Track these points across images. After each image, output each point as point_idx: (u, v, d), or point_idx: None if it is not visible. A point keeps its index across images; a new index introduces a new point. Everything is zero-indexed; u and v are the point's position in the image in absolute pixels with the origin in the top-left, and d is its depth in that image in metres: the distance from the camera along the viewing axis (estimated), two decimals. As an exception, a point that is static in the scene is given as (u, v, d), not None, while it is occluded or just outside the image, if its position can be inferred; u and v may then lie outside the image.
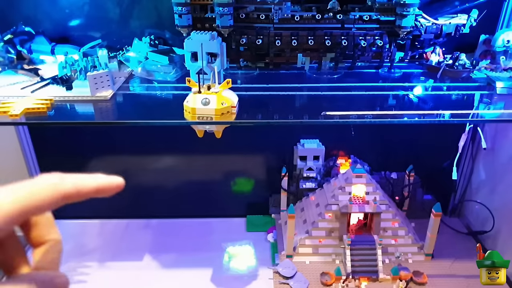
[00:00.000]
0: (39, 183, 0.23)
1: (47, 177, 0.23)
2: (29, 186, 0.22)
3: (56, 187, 0.23)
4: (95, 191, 0.25)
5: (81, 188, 0.24)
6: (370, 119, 0.69)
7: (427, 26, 0.85)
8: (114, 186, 0.26)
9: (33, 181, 0.23)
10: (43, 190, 0.22)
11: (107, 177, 0.26)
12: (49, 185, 0.23)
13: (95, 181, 0.25)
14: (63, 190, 0.23)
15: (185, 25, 0.81)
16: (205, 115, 0.67)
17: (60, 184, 0.23)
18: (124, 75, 0.84)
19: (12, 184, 0.22)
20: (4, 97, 0.72)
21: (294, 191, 1.08)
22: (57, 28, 0.94)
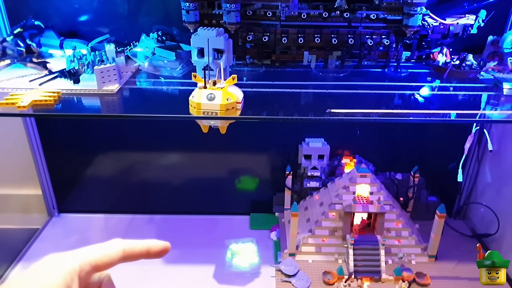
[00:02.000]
0: (110, 244, 0.30)
1: (116, 241, 0.30)
2: (102, 245, 0.29)
3: (120, 245, 0.30)
4: (147, 253, 0.31)
5: (137, 248, 0.30)
6: (376, 117, 0.69)
7: (435, 26, 0.84)
8: (162, 249, 0.32)
9: (105, 243, 0.30)
10: (111, 247, 0.29)
11: (157, 242, 0.32)
12: (115, 244, 0.30)
13: (147, 245, 0.31)
14: (125, 248, 0.30)
15: (192, 21, 0.82)
16: (210, 110, 0.68)
17: (123, 244, 0.30)
18: (131, 70, 0.85)
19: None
20: (13, 89, 0.73)
21: (298, 190, 1.08)
22: (66, 22, 0.95)
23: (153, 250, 0.31)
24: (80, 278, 0.27)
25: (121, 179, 1.17)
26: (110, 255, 0.29)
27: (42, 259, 0.27)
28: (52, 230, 1.13)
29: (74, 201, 1.18)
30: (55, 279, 0.25)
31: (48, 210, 1.17)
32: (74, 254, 0.27)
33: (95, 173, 1.16)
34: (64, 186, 1.17)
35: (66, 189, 1.17)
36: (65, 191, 1.17)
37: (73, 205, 1.19)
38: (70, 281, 0.26)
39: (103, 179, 1.17)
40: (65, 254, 0.27)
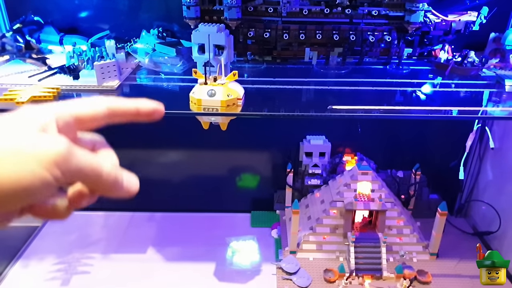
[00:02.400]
0: (93, 98, 0.27)
1: (101, 97, 0.28)
2: (82, 99, 0.27)
3: (104, 100, 0.27)
4: (136, 113, 0.28)
5: (124, 106, 0.28)
6: (377, 113, 0.69)
7: (436, 23, 0.84)
8: (152, 109, 0.29)
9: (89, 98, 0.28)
10: (93, 100, 0.27)
11: (147, 101, 0.29)
12: (97, 98, 0.27)
13: (136, 104, 0.28)
14: (110, 104, 0.27)
15: (193, 17, 0.81)
16: (211, 107, 0.67)
17: (107, 99, 0.27)
18: (131, 66, 0.84)
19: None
20: (12, 85, 0.72)
21: (299, 188, 1.08)
22: (66, 18, 0.94)
23: (143, 110, 0.28)
24: (59, 126, 0.24)
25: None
26: (93, 107, 0.26)
27: (18, 109, 0.24)
28: (51, 228, 1.12)
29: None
30: (30, 121, 0.23)
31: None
32: (52, 103, 0.25)
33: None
34: (64, 183, 1.16)
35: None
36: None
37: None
38: (45, 124, 0.23)
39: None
40: (42, 105, 0.25)
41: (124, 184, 0.26)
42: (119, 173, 0.26)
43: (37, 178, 0.21)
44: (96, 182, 0.25)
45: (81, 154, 0.24)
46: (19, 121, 0.23)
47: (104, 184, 0.25)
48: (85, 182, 0.25)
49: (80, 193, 0.26)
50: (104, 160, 0.26)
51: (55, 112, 0.25)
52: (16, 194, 0.21)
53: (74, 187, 0.26)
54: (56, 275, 0.95)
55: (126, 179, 0.27)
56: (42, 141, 0.22)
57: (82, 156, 0.24)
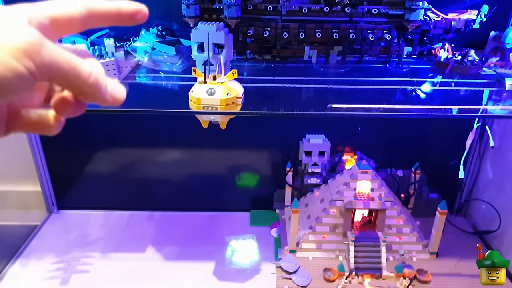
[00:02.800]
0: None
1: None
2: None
3: (82, 0, 0.25)
4: (117, 14, 0.26)
5: (104, 6, 0.25)
6: (377, 112, 0.68)
7: (436, 21, 0.84)
8: (135, 10, 0.26)
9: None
10: (71, 1, 0.25)
11: (129, 2, 0.26)
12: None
13: (117, 4, 0.26)
14: (88, 4, 0.25)
15: (192, 16, 0.81)
16: (210, 105, 0.67)
17: (86, 0, 0.25)
18: (131, 65, 0.84)
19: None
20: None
21: (299, 187, 1.07)
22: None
23: (124, 11, 0.26)
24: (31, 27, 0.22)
25: (121, 176, 1.16)
26: (70, 7, 0.24)
27: None
28: (51, 227, 1.12)
29: (74, 197, 1.18)
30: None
31: (47, 207, 1.16)
32: (24, 4, 0.23)
33: (95, 169, 1.15)
34: (63, 182, 1.16)
35: (65, 186, 1.17)
36: (64, 187, 1.17)
37: (73, 202, 1.18)
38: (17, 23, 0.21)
39: (103, 175, 1.16)
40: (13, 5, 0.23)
41: (109, 89, 0.25)
42: (101, 77, 0.24)
43: (9, 69, 0.20)
44: (75, 82, 0.23)
45: (55, 47, 0.22)
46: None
47: (85, 85, 0.23)
48: (65, 83, 0.23)
49: (63, 98, 0.24)
50: (83, 61, 0.24)
51: (27, 12, 0.23)
52: None
53: (57, 95, 0.25)
54: (56, 274, 0.95)
55: (110, 85, 0.25)
56: (10, 31, 0.21)
57: (56, 49, 0.22)
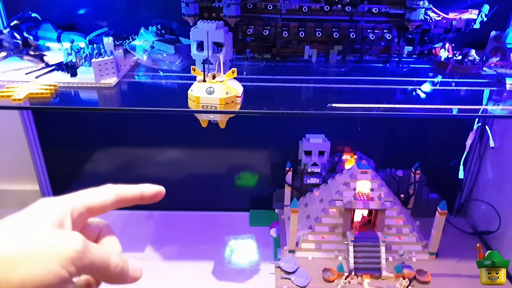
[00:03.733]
0: (103, 188, 0.30)
1: (109, 186, 0.30)
2: (95, 189, 0.30)
3: (112, 188, 0.30)
4: (140, 197, 0.31)
5: (130, 192, 0.30)
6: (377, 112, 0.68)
7: (437, 21, 0.83)
8: (155, 193, 0.32)
9: (98, 188, 0.30)
10: (103, 190, 0.30)
11: (150, 186, 0.31)
12: (107, 187, 0.30)
13: (141, 189, 0.31)
14: (118, 192, 0.30)
15: (192, 14, 0.81)
16: (210, 104, 0.67)
17: (115, 187, 0.30)
18: (130, 64, 0.84)
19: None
20: (9, 82, 0.71)
21: (298, 186, 1.07)
22: (64, 15, 0.94)
23: (146, 194, 0.31)
24: (73, 218, 0.26)
25: (119, 175, 1.16)
26: (103, 197, 0.29)
27: (35, 203, 0.26)
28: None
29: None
30: (47, 217, 0.25)
31: (46, 206, 1.16)
32: (66, 196, 0.28)
33: (93, 168, 1.15)
34: (61, 181, 1.16)
35: (63, 185, 1.16)
36: (62, 187, 1.16)
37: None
38: (62, 218, 0.25)
39: (101, 174, 1.16)
40: (57, 197, 0.27)
41: (130, 272, 0.28)
42: (125, 263, 0.28)
43: (55, 275, 0.23)
44: (104, 274, 0.26)
45: (93, 249, 0.25)
46: (36, 218, 0.25)
47: (111, 275, 0.27)
48: (96, 275, 0.27)
49: (87, 284, 0.28)
50: (112, 252, 0.27)
51: (69, 204, 0.27)
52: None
53: (81, 278, 0.28)
54: (54, 274, 0.94)
55: (131, 267, 0.28)
56: (59, 239, 0.24)
57: (95, 250, 0.25)
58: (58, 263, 0.23)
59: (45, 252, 0.23)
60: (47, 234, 0.24)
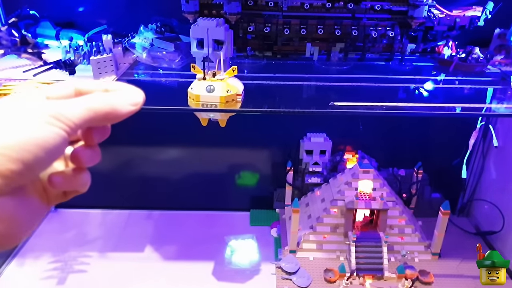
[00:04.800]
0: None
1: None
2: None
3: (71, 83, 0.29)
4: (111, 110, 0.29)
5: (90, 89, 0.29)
6: (379, 110, 0.67)
7: (440, 18, 0.82)
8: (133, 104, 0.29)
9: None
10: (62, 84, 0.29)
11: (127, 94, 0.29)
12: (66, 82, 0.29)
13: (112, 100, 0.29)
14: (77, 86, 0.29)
15: (192, 11, 0.79)
16: (210, 103, 0.66)
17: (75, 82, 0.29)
18: (129, 61, 0.83)
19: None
20: (6, 80, 0.70)
21: (299, 186, 1.06)
22: (62, 12, 0.92)
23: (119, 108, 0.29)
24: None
25: (119, 174, 1.15)
26: (62, 91, 0.28)
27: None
28: (49, 225, 1.11)
29: (71, 196, 1.17)
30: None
31: (45, 205, 1.15)
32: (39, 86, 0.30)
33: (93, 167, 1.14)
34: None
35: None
36: (62, 186, 1.16)
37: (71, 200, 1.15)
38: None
39: (101, 173, 1.14)
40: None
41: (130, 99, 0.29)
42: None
43: (48, 132, 0.24)
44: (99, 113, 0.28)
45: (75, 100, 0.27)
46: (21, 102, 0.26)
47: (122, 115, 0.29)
48: (93, 119, 0.27)
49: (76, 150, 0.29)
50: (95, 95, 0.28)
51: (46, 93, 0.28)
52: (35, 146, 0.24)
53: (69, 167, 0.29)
54: (53, 274, 0.93)
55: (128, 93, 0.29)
56: (38, 103, 0.26)
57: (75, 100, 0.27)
58: (44, 121, 0.24)
59: (30, 113, 0.24)
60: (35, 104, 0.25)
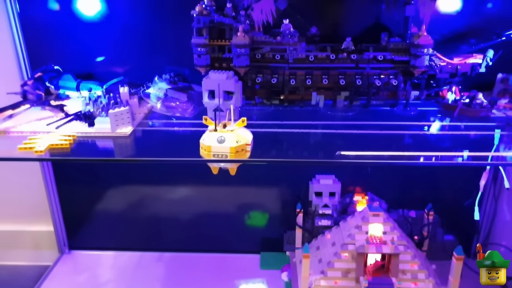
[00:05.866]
0: None
1: None
2: None
3: None
4: None
5: None
6: (386, 160, 0.69)
7: (442, 66, 0.85)
8: None
9: None
10: None
11: None
12: None
13: None
14: None
15: (203, 65, 0.84)
16: (221, 153, 0.68)
17: None
18: (144, 111, 0.87)
19: None
20: (31, 133, 0.75)
21: (310, 229, 1.06)
22: (82, 64, 0.99)
23: None
24: None
25: (131, 215, 1.17)
26: None
27: None
28: (62, 268, 1.12)
29: (85, 237, 1.19)
30: None
31: (59, 247, 1.17)
32: None
33: (106, 209, 1.17)
34: (75, 221, 1.18)
35: (77, 225, 1.18)
36: (75, 227, 1.18)
37: (84, 242, 1.19)
38: None
39: (113, 215, 1.17)
40: None
41: None
42: None
43: None
44: None
45: None
46: None
47: None
48: None
49: None
50: None
51: None
52: None
53: None
54: (64, 319, 0.94)
55: None
56: None
57: None
58: None
59: None
60: None
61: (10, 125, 0.79)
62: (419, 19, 0.82)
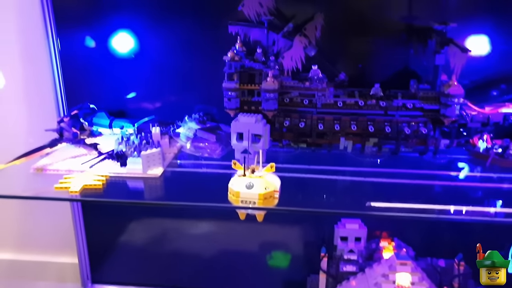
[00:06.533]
0: None
1: None
2: None
3: None
4: None
5: None
6: (416, 214, 0.67)
7: (473, 115, 0.84)
8: None
9: None
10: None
11: None
12: None
13: None
14: None
15: (233, 108, 0.86)
16: (249, 199, 0.69)
17: None
18: (174, 151, 0.89)
19: None
20: (66, 172, 0.78)
21: (334, 274, 1.03)
22: (115, 102, 1.03)
23: None
24: None
25: (153, 250, 1.17)
26: None
27: None
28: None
29: (107, 271, 1.19)
30: None
31: (82, 280, 1.18)
32: None
33: (129, 242, 1.18)
34: (99, 255, 1.19)
35: (100, 259, 1.19)
36: (99, 260, 1.19)
37: (106, 276, 1.19)
38: None
39: (136, 249, 1.18)
40: None
41: None
42: None
43: None
44: None
45: None
46: None
47: None
48: None
49: None
50: None
51: None
52: None
53: None
54: None
55: None
56: None
57: None
58: None
59: None
60: None
61: (47, 162, 0.83)
62: (449, 67, 0.82)
